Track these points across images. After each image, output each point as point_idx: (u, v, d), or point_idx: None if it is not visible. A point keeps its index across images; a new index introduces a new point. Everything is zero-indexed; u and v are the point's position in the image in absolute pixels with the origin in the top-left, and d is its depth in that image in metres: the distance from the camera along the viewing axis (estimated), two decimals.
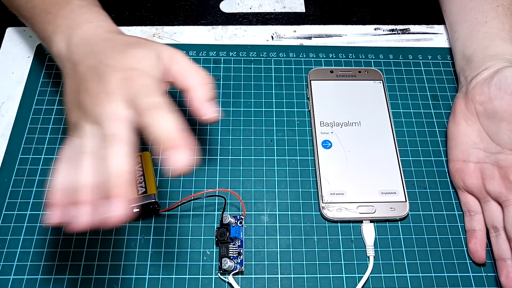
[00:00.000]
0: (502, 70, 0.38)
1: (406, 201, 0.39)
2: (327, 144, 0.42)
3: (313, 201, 0.40)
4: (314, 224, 0.39)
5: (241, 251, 0.37)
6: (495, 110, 0.38)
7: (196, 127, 0.43)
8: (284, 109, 0.45)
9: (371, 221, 0.39)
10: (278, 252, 0.38)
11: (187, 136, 0.29)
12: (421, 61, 0.48)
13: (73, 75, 0.33)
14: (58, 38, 0.36)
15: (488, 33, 0.43)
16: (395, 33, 0.51)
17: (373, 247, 0.38)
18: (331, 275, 0.37)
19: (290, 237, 0.38)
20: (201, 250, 0.37)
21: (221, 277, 0.36)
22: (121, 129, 0.29)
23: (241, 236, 0.37)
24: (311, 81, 0.46)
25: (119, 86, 0.30)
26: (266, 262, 0.37)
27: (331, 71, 0.46)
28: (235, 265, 0.36)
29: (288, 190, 0.40)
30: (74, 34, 0.35)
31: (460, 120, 0.41)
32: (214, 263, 0.37)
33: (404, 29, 0.51)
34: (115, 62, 0.32)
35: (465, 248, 0.38)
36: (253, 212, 0.39)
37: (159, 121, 0.29)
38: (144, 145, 0.42)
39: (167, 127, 0.29)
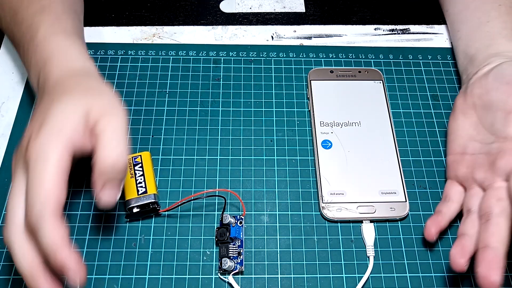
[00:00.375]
0: (500, 64, 0.39)
1: (406, 201, 0.39)
2: (327, 144, 0.42)
3: (313, 201, 0.40)
4: (314, 224, 0.39)
5: (241, 251, 0.37)
6: (491, 100, 0.38)
7: (196, 127, 0.43)
8: (284, 109, 0.45)
9: (371, 221, 0.39)
10: (278, 252, 0.38)
11: (70, 257, 0.28)
12: (421, 61, 0.48)
13: None
14: (32, 74, 0.38)
15: (490, 32, 0.43)
16: (395, 33, 0.51)
17: (373, 247, 0.38)
18: (331, 275, 0.37)
19: (290, 237, 0.38)
20: (201, 250, 0.37)
21: (221, 277, 0.36)
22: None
23: (241, 236, 0.37)
24: (311, 81, 0.46)
25: (25, 148, 0.31)
26: (266, 262, 0.37)
27: (331, 71, 0.46)
28: (235, 265, 0.36)
29: (288, 190, 0.40)
30: (40, 73, 0.36)
31: (459, 114, 0.41)
32: (214, 263, 0.37)
33: (404, 29, 0.51)
34: (37, 115, 0.32)
35: None
36: (253, 212, 0.39)
37: (38, 233, 0.29)
38: (144, 145, 0.42)
39: (46, 246, 0.29)
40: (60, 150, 0.30)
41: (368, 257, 0.37)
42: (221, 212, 0.38)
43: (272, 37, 0.50)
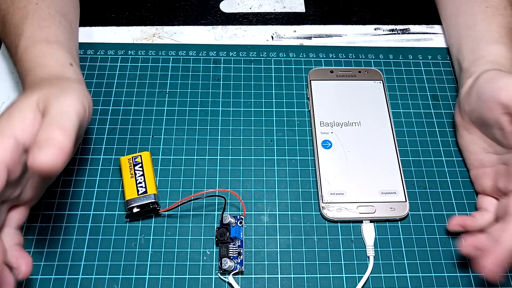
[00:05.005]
0: (478, 78, 0.38)
1: (406, 201, 0.39)
2: (327, 144, 0.42)
3: (313, 201, 0.40)
4: (314, 224, 0.39)
5: (241, 251, 0.37)
6: (481, 118, 0.38)
7: (196, 127, 0.43)
8: (284, 109, 0.45)
9: (371, 221, 0.39)
10: (278, 252, 0.38)
11: None
12: (421, 61, 0.48)
13: None
14: (21, 83, 0.38)
15: (475, 37, 0.43)
16: (395, 33, 0.51)
17: (373, 247, 0.38)
18: (331, 275, 0.37)
19: (290, 237, 0.38)
20: (201, 250, 0.37)
21: (221, 277, 0.36)
22: None
23: (241, 236, 0.37)
24: (311, 81, 0.46)
25: None
26: (266, 262, 0.37)
27: (331, 71, 0.46)
28: (235, 265, 0.36)
29: (288, 190, 0.40)
30: (25, 82, 0.37)
31: (463, 131, 0.41)
32: (214, 263, 0.37)
33: (404, 29, 0.51)
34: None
35: None
36: (253, 212, 0.39)
37: None
38: (144, 145, 0.42)
39: None
40: (3, 138, 0.29)
41: (368, 257, 0.37)
42: (221, 212, 0.38)
43: (272, 37, 0.50)
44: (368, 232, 0.38)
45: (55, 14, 0.40)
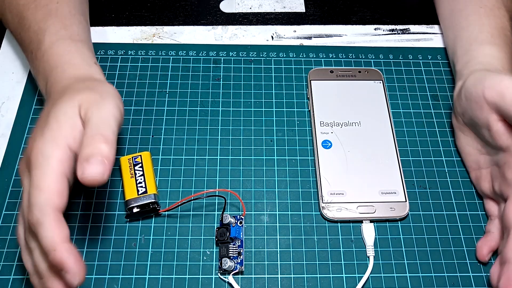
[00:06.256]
0: (467, 79, 0.39)
1: (406, 201, 0.39)
2: (327, 144, 0.42)
3: (313, 201, 0.40)
4: (314, 224, 0.39)
5: (241, 251, 0.37)
6: (472, 119, 0.38)
7: (196, 127, 0.43)
8: (284, 109, 0.45)
9: (371, 221, 0.39)
10: (278, 252, 0.38)
11: (68, 253, 0.28)
12: (421, 61, 0.48)
13: None
14: (40, 79, 0.38)
15: (468, 38, 0.43)
16: (395, 33, 0.51)
17: (373, 247, 0.38)
18: (331, 275, 0.37)
19: (290, 237, 0.38)
20: (201, 250, 0.37)
21: (221, 277, 0.36)
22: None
23: (241, 236, 0.37)
24: (311, 81, 0.46)
25: (28, 155, 0.31)
26: (266, 262, 0.37)
27: (331, 71, 0.46)
28: (235, 265, 0.36)
29: (288, 190, 0.40)
30: (48, 80, 0.37)
31: (459, 133, 0.41)
32: (214, 263, 0.37)
33: (404, 29, 0.51)
34: (40, 122, 0.33)
35: (465, 248, 0.38)
36: (253, 212, 0.39)
37: (38, 234, 0.29)
38: (144, 145, 0.42)
39: (46, 244, 0.28)
40: (60, 150, 0.30)
41: (368, 257, 0.37)
42: (221, 212, 0.38)
43: (272, 37, 0.50)
44: (368, 232, 0.38)
45: (76, 13, 0.41)
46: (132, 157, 0.40)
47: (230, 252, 0.36)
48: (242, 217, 0.38)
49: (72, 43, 0.38)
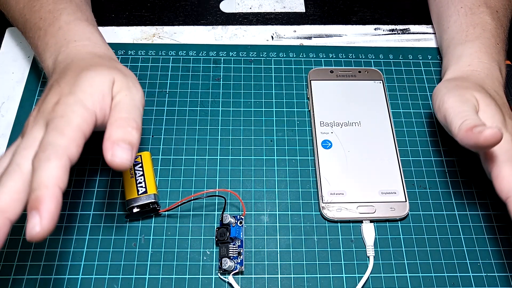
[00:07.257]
0: (435, 88, 0.40)
1: (406, 201, 0.39)
2: (327, 144, 0.42)
3: (313, 201, 0.40)
4: (314, 224, 0.39)
5: (241, 251, 0.37)
6: (447, 126, 0.37)
7: (196, 127, 0.43)
8: (284, 109, 0.45)
9: (371, 221, 0.39)
10: (278, 252, 0.38)
11: (55, 199, 0.27)
12: (421, 61, 0.48)
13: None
14: (47, 55, 0.38)
15: (448, 40, 0.43)
16: (395, 33, 0.51)
17: (373, 247, 0.38)
18: (331, 275, 0.37)
19: (290, 237, 0.38)
20: (201, 250, 0.37)
21: (221, 277, 0.36)
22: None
23: (241, 236, 0.37)
24: (311, 81, 0.46)
25: (50, 110, 0.31)
26: (266, 262, 0.37)
27: (331, 71, 0.46)
28: (235, 265, 0.36)
29: (288, 190, 0.40)
30: (60, 52, 0.36)
31: None
32: (214, 263, 0.37)
33: (404, 29, 0.51)
34: (64, 83, 0.32)
35: (465, 248, 0.38)
36: (253, 212, 0.39)
37: (37, 169, 0.27)
38: (144, 145, 0.42)
39: (38, 179, 0.27)
40: (87, 112, 0.31)
41: (368, 257, 0.37)
42: (221, 212, 0.38)
43: (272, 37, 0.50)
44: (368, 232, 0.38)
45: (86, 3, 0.42)
46: None
47: (230, 252, 0.36)
48: (242, 217, 0.38)
49: (90, 25, 0.39)
